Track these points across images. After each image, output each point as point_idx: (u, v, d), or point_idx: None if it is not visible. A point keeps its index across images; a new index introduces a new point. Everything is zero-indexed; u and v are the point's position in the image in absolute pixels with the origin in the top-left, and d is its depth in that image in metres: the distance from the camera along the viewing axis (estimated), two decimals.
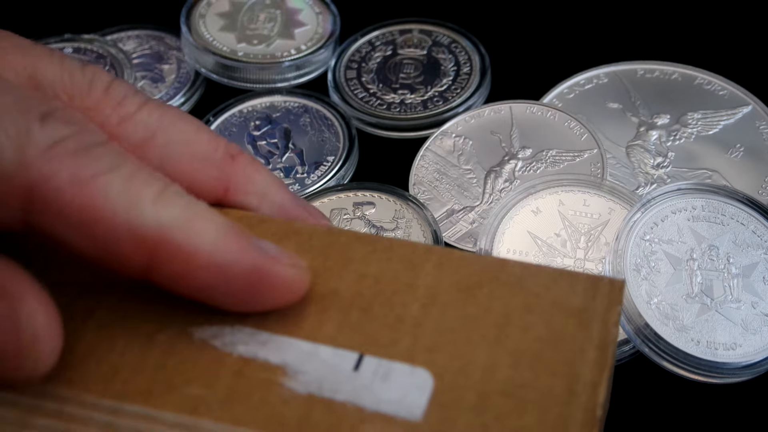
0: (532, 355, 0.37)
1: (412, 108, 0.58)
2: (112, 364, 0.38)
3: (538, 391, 0.36)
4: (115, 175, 0.37)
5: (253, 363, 0.38)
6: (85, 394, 0.37)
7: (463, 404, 0.36)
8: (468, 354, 0.38)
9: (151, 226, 0.36)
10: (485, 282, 0.40)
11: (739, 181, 0.54)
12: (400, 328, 0.38)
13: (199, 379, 0.37)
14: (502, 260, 0.41)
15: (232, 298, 0.38)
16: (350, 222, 0.53)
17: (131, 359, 0.38)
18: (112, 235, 0.36)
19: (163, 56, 0.62)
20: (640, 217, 0.49)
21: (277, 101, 0.59)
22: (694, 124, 0.57)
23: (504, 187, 0.55)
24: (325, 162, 0.56)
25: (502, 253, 0.50)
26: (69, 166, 0.36)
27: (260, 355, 0.38)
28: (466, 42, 0.61)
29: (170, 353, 0.38)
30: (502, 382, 0.37)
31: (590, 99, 0.58)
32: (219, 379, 0.37)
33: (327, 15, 0.62)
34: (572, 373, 0.37)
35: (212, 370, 0.37)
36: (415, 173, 0.56)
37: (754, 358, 0.46)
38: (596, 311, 0.39)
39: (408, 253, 0.41)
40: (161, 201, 0.37)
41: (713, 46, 0.62)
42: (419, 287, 0.39)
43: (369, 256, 0.41)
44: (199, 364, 0.37)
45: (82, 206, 0.36)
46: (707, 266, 0.48)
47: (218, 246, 0.37)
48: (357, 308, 0.39)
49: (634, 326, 0.47)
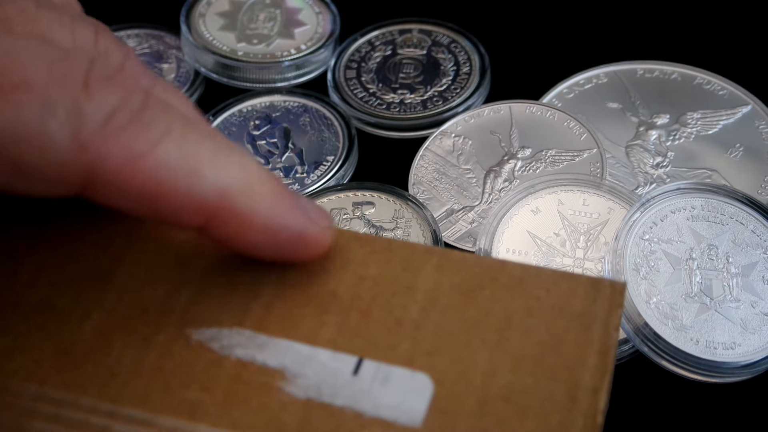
0: (533, 359, 0.37)
1: (412, 108, 0.58)
2: (109, 366, 0.37)
3: (538, 397, 0.36)
4: (170, 141, 0.36)
5: (251, 366, 0.37)
6: (82, 397, 0.37)
7: (463, 409, 0.36)
8: (468, 358, 0.37)
9: (212, 192, 0.36)
10: (485, 284, 0.39)
11: (738, 181, 0.54)
12: (399, 331, 0.38)
13: (197, 383, 0.37)
14: (502, 262, 0.41)
15: (271, 253, 0.38)
16: (350, 222, 0.53)
17: (128, 362, 0.38)
18: (175, 204, 0.36)
19: (163, 55, 0.62)
20: (640, 217, 0.49)
21: (277, 101, 0.59)
22: (694, 123, 0.57)
23: (503, 186, 0.55)
24: (324, 162, 0.56)
25: (502, 253, 0.50)
26: (126, 141, 0.35)
27: (258, 359, 0.38)
28: (466, 42, 0.61)
29: (168, 356, 0.38)
30: (503, 387, 0.37)
31: (590, 99, 0.58)
32: (217, 382, 0.37)
33: (327, 15, 0.62)
34: (573, 378, 0.37)
35: (210, 374, 0.37)
36: (415, 173, 0.56)
37: (753, 357, 0.46)
38: (597, 314, 0.38)
39: (407, 255, 0.40)
40: (218, 161, 0.37)
41: (713, 46, 0.62)
42: (419, 289, 0.39)
43: (368, 257, 0.40)
44: (196, 368, 0.37)
45: (143, 182, 0.36)
46: (706, 266, 0.49)
47: (274, 211, 0.37)
48: (356, 311, 0.39)
49: (633, 326, 0.47)
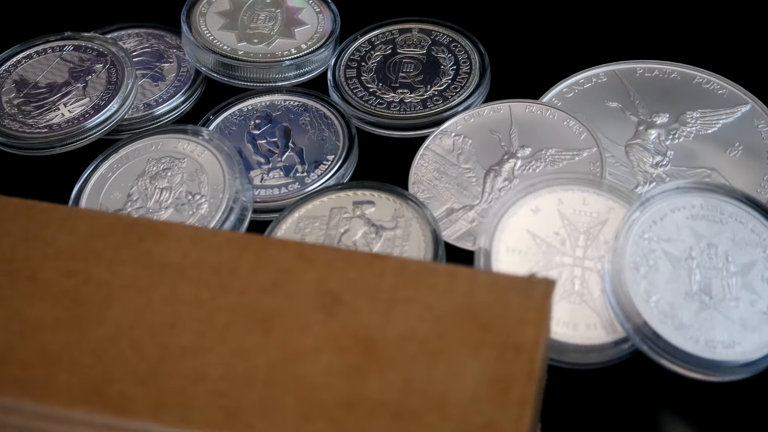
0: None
1: (412, 107, 0.58)
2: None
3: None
4: None
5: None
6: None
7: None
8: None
9: None
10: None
11: (737, 180, 0.54)
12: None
13: None
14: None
15: None
16: (350, 221, 0.53)
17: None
18: None
19: (164, 55, 0.62)
20: (639, 216, 0.49)
21: (277, 100, 0.59)
22: (693, 122, 0.57)
23: (503, 185, 0.55)
24: (324, 161, 0.56)
25: (501, 252, 0.50)
26: None
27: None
28: (466, 41, 0.61)
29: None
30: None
31: (589, 98, 0.58)
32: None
33: (327, 14, 0.62)
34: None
35: None
36: (415, 172, 0.56)
37: (752, 356, 0.46)
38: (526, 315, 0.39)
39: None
40: None
41: (712, 45, 0.62)
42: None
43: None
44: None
45: None
46: (706, 264, 0.49)
47: None
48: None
49: (632, 324, 0.47)
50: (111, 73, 0.59)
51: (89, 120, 0.57)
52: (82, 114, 0.57)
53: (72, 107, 0.58)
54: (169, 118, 0.60)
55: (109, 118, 0.57)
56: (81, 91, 0.58)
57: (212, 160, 0.55)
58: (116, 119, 0.58)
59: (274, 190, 0.55)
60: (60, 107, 0.58)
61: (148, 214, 0.53)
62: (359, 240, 0.52)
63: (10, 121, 0.57)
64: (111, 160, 0.56)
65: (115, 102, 0.58)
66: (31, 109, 0.58)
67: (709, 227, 0.50)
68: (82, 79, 0.59)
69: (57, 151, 0.57)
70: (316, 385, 0.38)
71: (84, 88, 0.59)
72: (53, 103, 0.58)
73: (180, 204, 0.54)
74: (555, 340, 0.48)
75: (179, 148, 0.56)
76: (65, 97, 0.58)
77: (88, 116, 0.57)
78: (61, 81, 0.59)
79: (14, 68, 0.60)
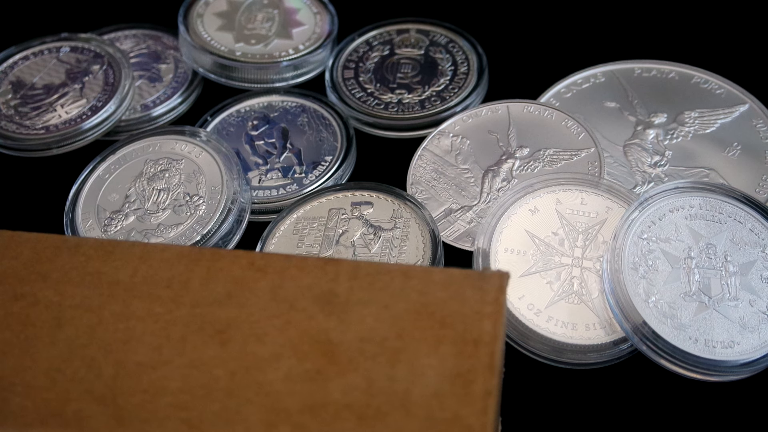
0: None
1: (410, 108, 0.58)
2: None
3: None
4: None
5: None
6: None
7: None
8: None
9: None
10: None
11: (736, 180, 0.54)
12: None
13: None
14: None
15: None
16: (348, 222, 0.53)
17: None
18: None
19: (161, 56, 0.62)
20: (638, 216, 0.49)
21: (275, 101, 0.59)
22: (692, 122, 0.57)
23: (502, 186, 0.55)
24: (323, 162, 0.56)
25: (500, 252, 0.50)
26: None
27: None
28: (464, 42, 0.61)
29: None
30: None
31: (587, 98, 0.58)
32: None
33: (325, 15, 0.62)
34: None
35: None
36: (413, 173, 0.56)
37: (751, 355, 0.46)
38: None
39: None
40: None
41: (710, 45, 0.62)
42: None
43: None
44: None
45: None
46: (705, 264, 0.49)
47: None
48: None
49: (631, 325, 0.47)
50: (108, 74, 0.59)
51: (86, 121, 0.57)
52: (79, 115, 0.57)
53: (69, 108, 0.58)
54: (166, 119, 0.60)
55: (107, 119, 0.57)
56: (78, 92, 0.58)
57: (210, 162, 0.55)
58: (113, 120, 0.58)
59: (272, 191, 0.55)
60: (57, 108, 0.58)
61: (146, 215, 0.53)
62: (357, 241, 0.52)
63: (7, 123, 0.57)
64: (108, 161, 0.55)
65: (112, 103, 0.58)
66: (27, 110, 0.58)
67: (708, 227, 0.50)
68: (79, 80, 0.59)
69: (54, 153, 0.57)
70: (278, 392, 0.38)
71: (81, 90, 0.58)
72: (50, 105, 0.58)
73: (178, 205, 0.54)
74: (554, 340, 0.48)
75: (177, 149, 0.55)
76: (62, 98, 0.58)
77: (85, 117, 0.57)
78: (58, 82, 0.59)
79: (11, 69, 0.60)
